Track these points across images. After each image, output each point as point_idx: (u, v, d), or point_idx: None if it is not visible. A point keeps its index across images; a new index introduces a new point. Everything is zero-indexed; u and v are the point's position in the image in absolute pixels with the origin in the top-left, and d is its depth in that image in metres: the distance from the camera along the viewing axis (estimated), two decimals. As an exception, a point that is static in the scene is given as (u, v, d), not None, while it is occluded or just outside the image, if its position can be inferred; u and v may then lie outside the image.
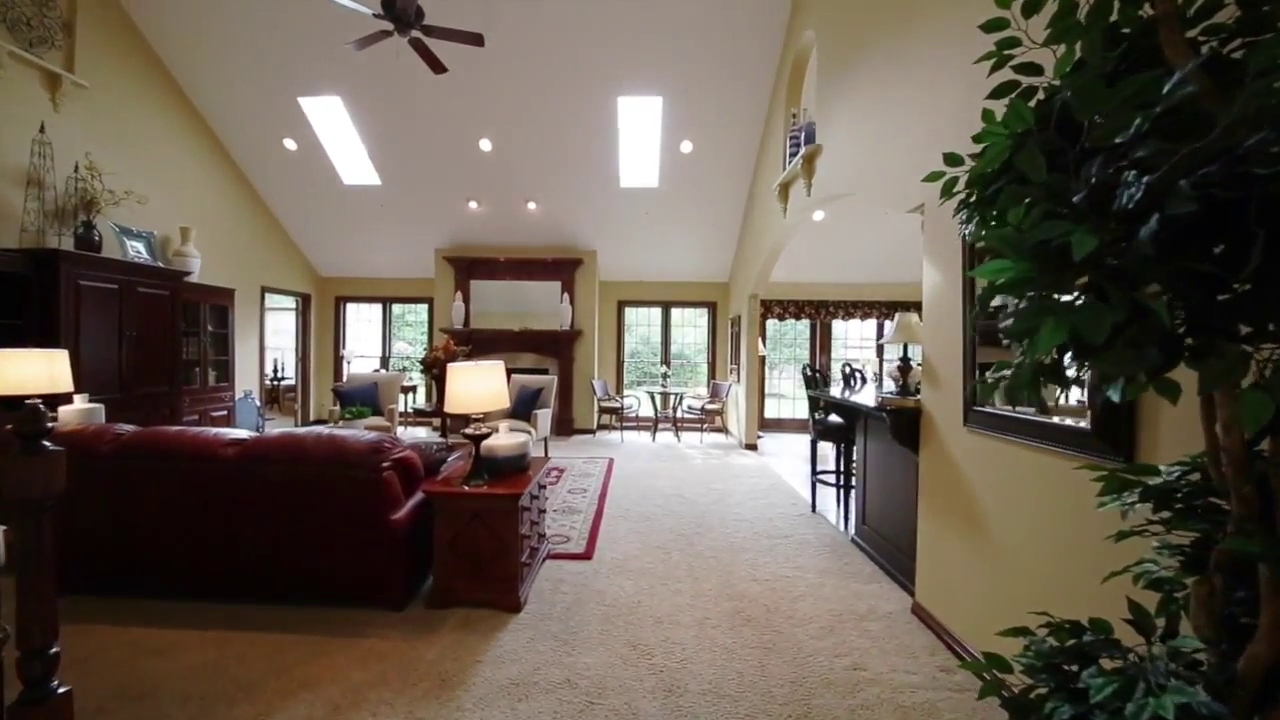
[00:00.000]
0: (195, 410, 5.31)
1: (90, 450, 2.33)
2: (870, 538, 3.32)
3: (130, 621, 2.34)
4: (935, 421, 2.52)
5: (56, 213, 4.23)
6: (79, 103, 4.48)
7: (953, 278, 2.39)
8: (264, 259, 6.88)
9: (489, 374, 2.61)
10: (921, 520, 2.63)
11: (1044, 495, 1.85)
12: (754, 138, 5.91)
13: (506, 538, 2.50)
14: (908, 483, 2.85)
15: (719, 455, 6.10)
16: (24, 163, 4.06)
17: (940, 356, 2.50)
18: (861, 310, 7.64)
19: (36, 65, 4.13)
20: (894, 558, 3.02)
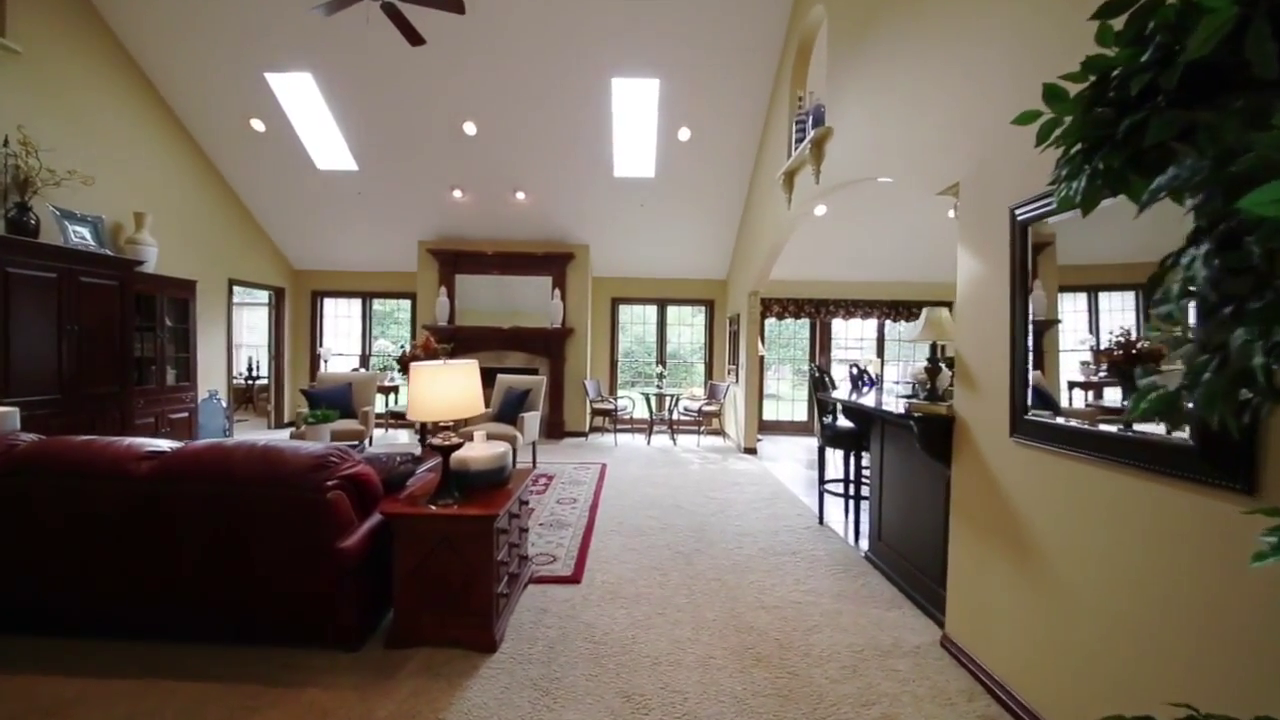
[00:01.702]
0: (151, 412, 4.89)
1: (-26, 465, 1.95)
2: (887, 555, 3.01)
3: (26, 666, 1.96)
4: (972, 431, 2.20)
5: (-16, 192, 3.80)
6: (12, 70, 4.04)
7: (997, 264, 2.08)
8: (232, 249, 6.45)
9: (460, 375, 2.25)
10: (953, 542, 2.32)
11: (1122, 525, 1.54)
12: (756, 125, 5.58)
13: (479, 566, 2.15)
14: (934, 498, 2.54)
15: (717, 460, 5.78)
16: (-57, 134, 3.63)
17: (979, 357, 2.18)
18: (863, 309, 7.36)
19: (-43, 26, 3.70)
20: (915, 580, 2.71)
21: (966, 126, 2.29)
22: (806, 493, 4.54)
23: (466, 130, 5.63)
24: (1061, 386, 1.88)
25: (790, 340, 8.10)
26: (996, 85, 2.10)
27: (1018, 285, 1.97)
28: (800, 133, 4.36)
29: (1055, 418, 1.82)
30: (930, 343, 2.49)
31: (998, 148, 2.08)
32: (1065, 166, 1.15)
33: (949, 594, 2.33)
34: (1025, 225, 1.96)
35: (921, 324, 2.52)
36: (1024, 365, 1.95)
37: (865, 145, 3.37)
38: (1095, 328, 1.70)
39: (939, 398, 2.40)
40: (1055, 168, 1.13)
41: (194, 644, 2.11)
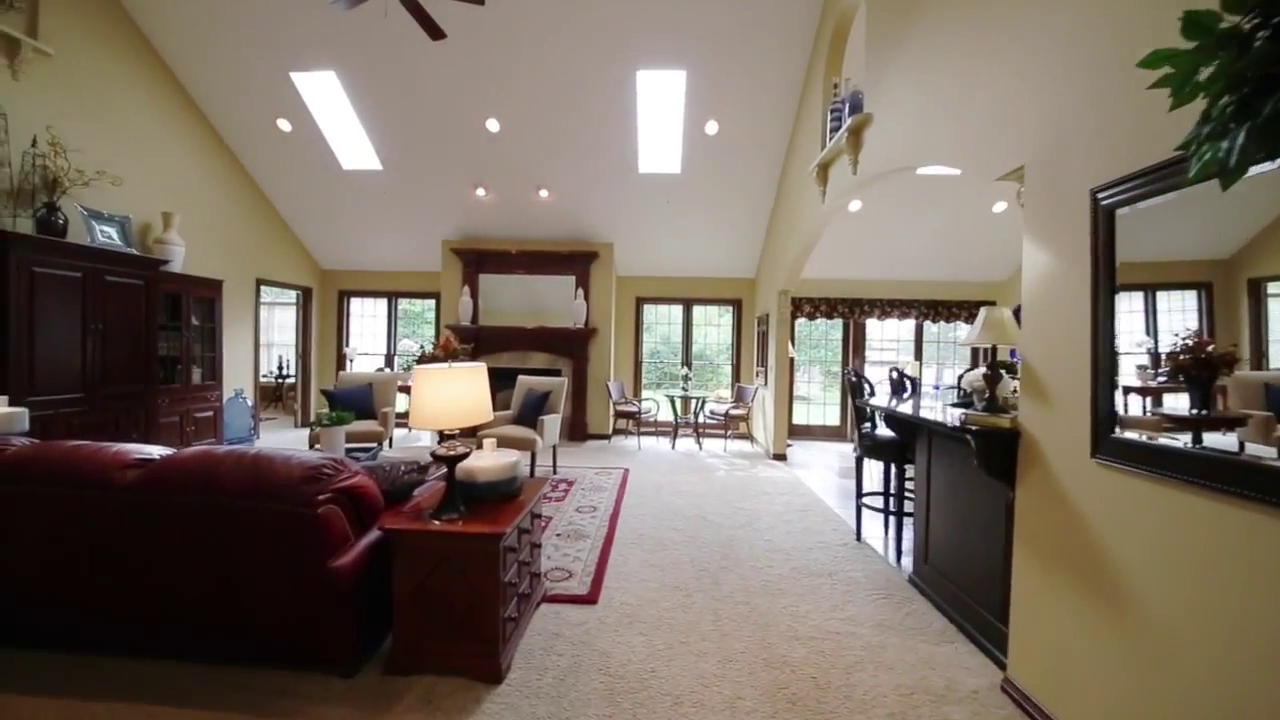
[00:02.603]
0: (176, 411, 4.94)
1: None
2: (935, 581, 2.72)
3: (8, 684, 1.87)
4: (1041, 448, 1.92)
5: (13, 192, 3.85)
6: (43, 72, 4.10)
7: (1073, 256, 1.79)
8: (260, 249, 6.52)
9: (466, 379, 2.09)
10: (1018, 574, 2.04)
11: (1252, 574, 1.25)
12: (787, 116, 5.30)
13: (485, 588, 1.98)
14: (993, 521, 2.26)
15: (745, 466, 5.52)
16: (-27, 136, 3.68)
17: (1051, 364, 1.90)
18: (899, 309, 6.97)
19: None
20: (968, 611, 2.42)
21: (1033, 103, 2.01)
22: (841, 505, 4.25)
23: (489, 128, 5.52)
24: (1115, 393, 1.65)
25: (820, 341, 7.75)
26: (1071, 54, 1.82)
27: (1101, 280, 1.69)
28: (835, 122, 4.08)
29: (1125, 431, 1.56)
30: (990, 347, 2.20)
31: (1074, 124, 1.80)
32: (1211, 123, 0.89)
33: (1012, 631, 2.05)
34: (1110, 210, 1.68)
35: (980, 325, 2.23)
36: (1109, 376, 1.66)
37: (909, 131, 3.08)
38: (1153, 329, 1.56)
39: (1000, 409, 2.12)
40: (1196, 125, 0.88)
41: (182, 663, 2.00)
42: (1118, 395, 1.64)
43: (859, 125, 3.62)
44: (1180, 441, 1.47)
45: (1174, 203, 1.49)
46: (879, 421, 3.55)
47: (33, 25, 4.03)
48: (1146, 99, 1.47)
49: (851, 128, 3.66)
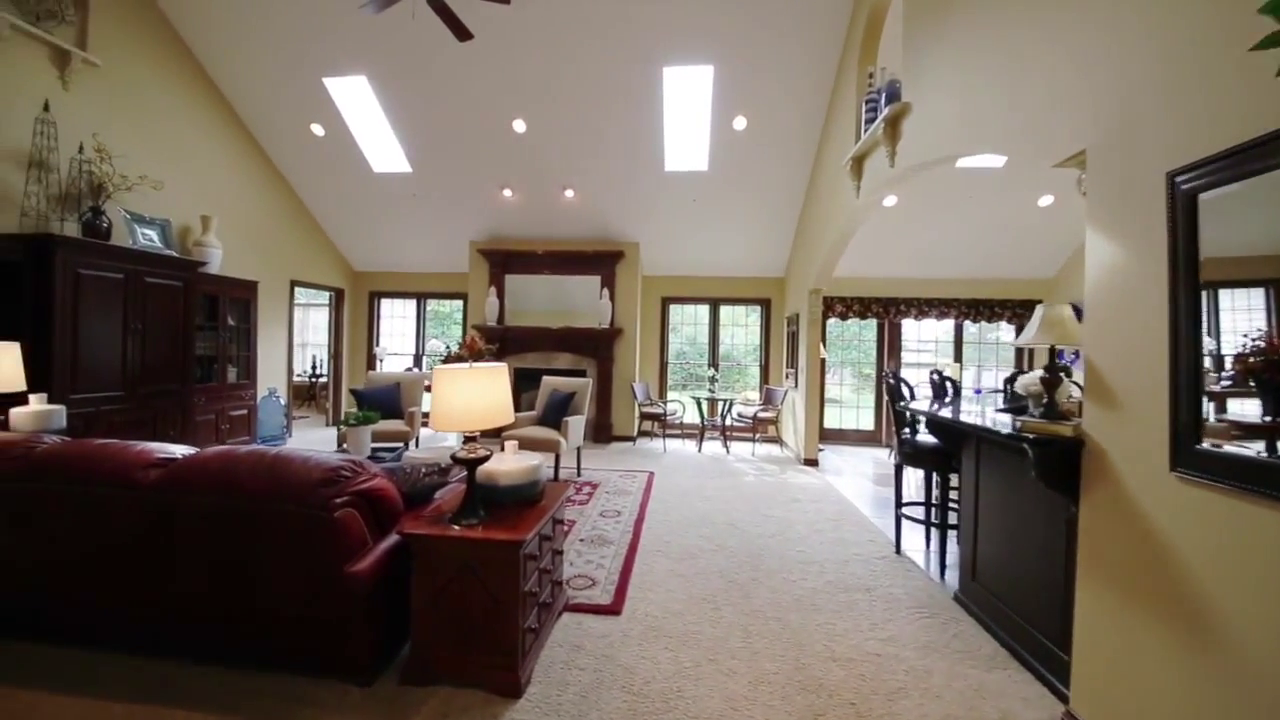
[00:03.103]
0: (212, 409, 5.07)
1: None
2: (984, 600, 2.53)
3: (33, 679, 1.89)
4: (1110, 460, 1.73)
5: (61, 197, 4.00)
6: (91, 81, 4.26)
7: (1146, 247, 1.61)
8: (294, 251, 6.68)
9: (486, 380, 2.02)
10: (1082, 597, 1.85)
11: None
12: (818, 109, 5.13)
13: (504, 598, 1.91)
14: (1051, 538, 2.07)
15: (774, 472, 5.34)
16: (25, 143, 3.83)
17: (1121, 366, 1.71)
18: (937, 309, 6.67)
19: (44, 40, 3.91)
20: (1022, 635, 2.23)
21: (1096, 81, 1.82)
22: (877, 514, 4.05)
23: (516, 128, 5.52)
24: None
25: (852, 342, 7.49)
26: (1144, 22, 1.64)
27: (1181, 273, 1.50)
28: (871, 113, 3.90)
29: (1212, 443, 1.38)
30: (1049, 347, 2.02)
31: (1147, 101, 1.62)
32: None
33: (1075, 660, 1.87)
34: (1192, 195, 1.49)
35: (1036, 324, 2.05)
36: (1193, 381, 1.48)
37: (952, 120, 2.90)
38: (1215, 329, 1.46)
39: (1060, 415, 1.94)
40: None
41: (201, 665, 1.98)
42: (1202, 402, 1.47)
43: (896, 115, 3.44)
44: (1252, 450, 1.31)
45: (1243, 192, 1.34)
46: (919, 427, 3.36)
47: (82, 37, 4.20)
48: (1240, 66, 1.29)
49: (888, 118, 3.48)
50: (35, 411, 2.53)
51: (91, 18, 4.23)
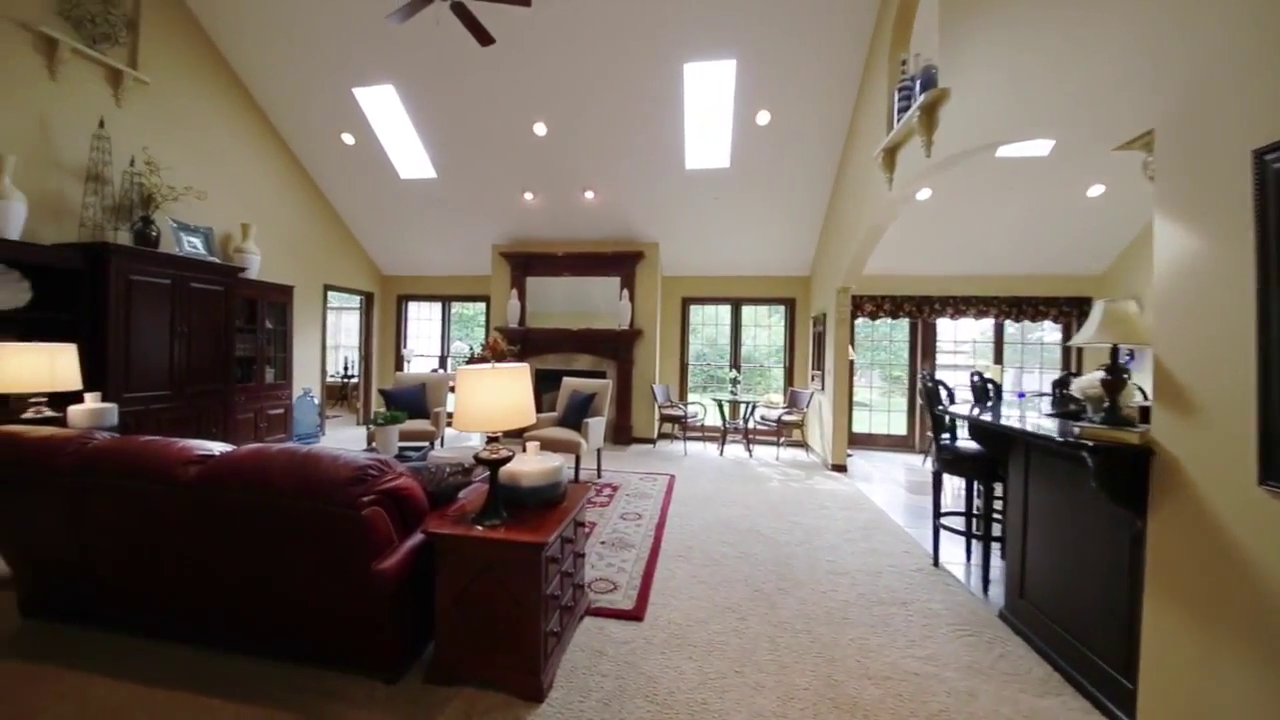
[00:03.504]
0: (251, 409, 5.22)
1: (49, 462, 1.96)
2: (1033, 619, 2.36)
3: (85, 663, 1.96)
4: (1185, 471, 1.58)
5: (115, 208, 4.18)
6: (141, 98, 4.44)
7: (1227, 233, 1.46)
8: (327, 257, 6.84)
9: (509, 381, 1.98)
10: (1151, 620, 1.69)
11: None
12: (847, 100, 4.96)
13: (526, 600, 1.86)
14: (1113, 555, 1.90)
15: (800, 477, 5.18)
16: (83, 158, 4.01)
17: (1198, 367, 1.56)
18: (975, 307, 6.38)
19: (99, 61, 4.09)
20: (1077, 658, 2.06)
21: (1167, 55, 1.67)
22: (911, 523, 3.87)
23: (536, 131, 5.52)
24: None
25: (881, 343, 7.24)
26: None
27: (1274, 260, 1.35)
28: (904, 101, 3.74)
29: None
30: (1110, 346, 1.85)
31: (1228, 73, 1.47)
32: None
33: (1143, 689, 1.71)
34: None
35: (1097, 321, 1.89)
36: (1285, 377, 1.32)
37: (995, 104, 2.73)
38: None
39: (1123, 420, 1.78)
40: None
41: (238, 655, 2.03)
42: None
43: (933, 102, 3.28)
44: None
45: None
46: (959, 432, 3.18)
47: (133, 57, 4.39)
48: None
49: (924, 105, 3.33)
50: (90, 409, 2.62)
51: (142, 38, 4.42)
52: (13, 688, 1.83)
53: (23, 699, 1.77)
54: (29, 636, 2.12)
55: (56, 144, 3.89)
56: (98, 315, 3.79)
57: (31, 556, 2.15)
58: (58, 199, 3.90)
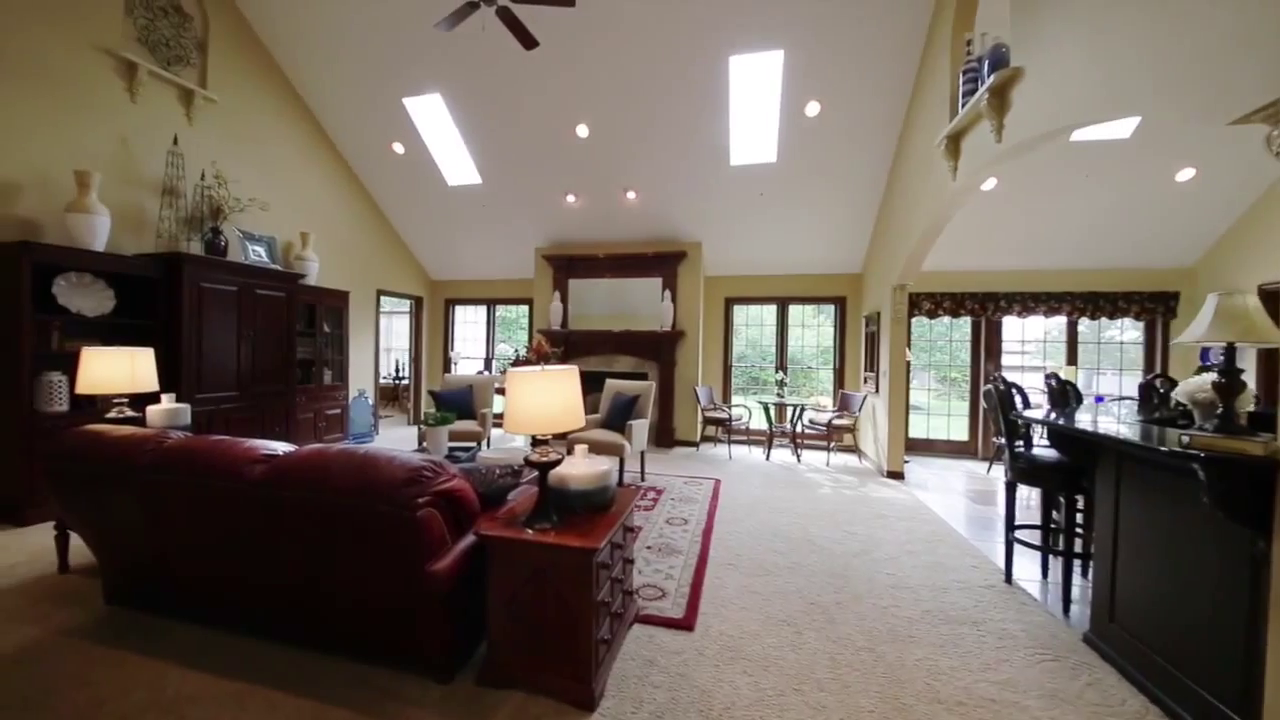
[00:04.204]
0: (310, 409, 5.47)
1: (129, 460, 2.09)
2: (1125, 645, 2.13)
3: (159, 650, 2.08)
4: (1325, 486, 1.37)
5: (187, 219, 4.46)
6: (210, 115, 4.74)
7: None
8: (380, 263, 7.12)
9: (558, 383, 1.96)
10: (1277, 655, 1.48)
11: None
12: (902, 87, 4.72)
13: (577, 607, 1.83)
14: (1226, 578, 1.69)
15: (853, 484, 4.96)
16: (159, 173, 4.31)
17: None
18: (1045, 304, 5.94)
19: (173, 82, 4.39)
20: (1180, 690, 1.84)
21: None
22: (977, 535, 3.62)
23: (579, 134, 5.54)
24: None
25: (936, 342, 6.87)
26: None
27: None
28: (970, 84, 3.51)
29: None
30: (1225, 346, 1.64)
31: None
32: None
33: (1269, 736, 1.50)
34: None
35: (1209, 317, 1.68)
36: None
37: (1077, 81, 2.51)
38: None
39: (1238, 429, 1.57)
40: None
41: (300, 649, 2.09)
42: None
43: (1004, 83, 3.06)
44: None
45: None
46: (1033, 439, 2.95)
47: (203, 77, 4.69)
48: None
49: (993, 87, 3.10)
50: (166, 409, 2.80)
51: (210, 59, 4.72)
52: (94, 672, 1.94)
53: (102, 684, 1.88)
54: (111, 623, 2.26)
55: (136, 161, 4.19)
56: (172, 320, 4.05)
57: (114, 548, 2.29)
58: (137, 212, 4.20)
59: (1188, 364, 5.45)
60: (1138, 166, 4.57)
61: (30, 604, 2.39)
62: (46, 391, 3.41)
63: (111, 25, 3.99)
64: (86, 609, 2.36)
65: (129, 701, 1.80)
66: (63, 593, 2.50)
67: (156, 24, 4.27)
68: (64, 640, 2.12)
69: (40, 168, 3.61)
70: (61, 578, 2.65)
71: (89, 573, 2.67)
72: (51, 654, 2.04)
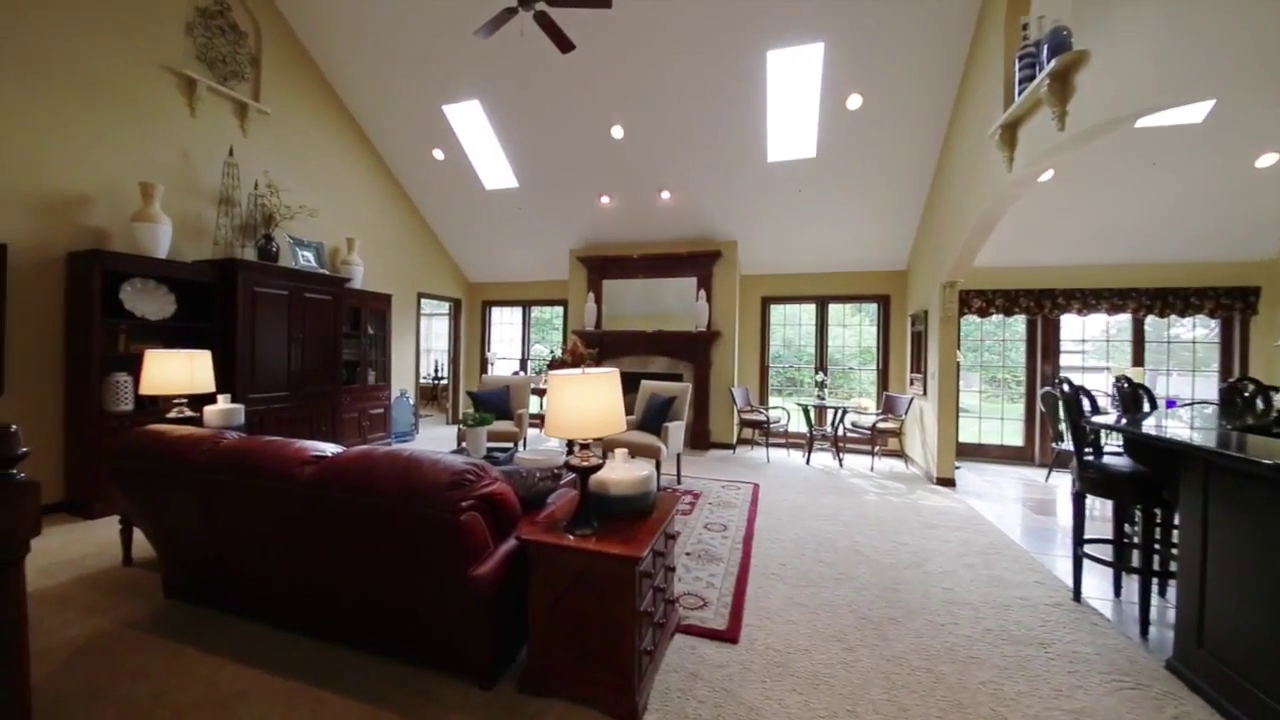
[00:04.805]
0: (355, 409, 5.63)
1: (186, 459, 2.16)
2: (1214, 674, 1.94)
3: (215, 646, 2.14)
4: None
5: (242, 226, 4.66)
6: (263, 127, 4.94)
7: None
8: (420, 266, 7.29)
9: (600, 386, 1.92)
10: None
11: None
12: (951, 76, 4.51)
13: (620, 616, 1.78)
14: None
15: (900, 491, 4.76)
16: (216, 183, 4.51)
17: None
18: (1109, 301, 5.57)
19: (229, 96, 4.59)
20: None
21: None
22: (1038, 548, 3.40)
23: (614, 134, 5.53)
24: None
25: (985, 342, 6.53)
26: None
27: None
28: (1027, 70, 3.31)
29: None
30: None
31: None
32: None
33: None
34: None
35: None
36: None
37: (1151, 64, 2.32)
38: None
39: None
40: None
41: (347, 648, 2.13)
42: None
43: (1068, 66, 2.86)
44: None
45: None
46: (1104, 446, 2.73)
47: (256, 90, 4.88)
48: None
49: (1055, 72, 2.90)
50: (222, 410, 2.91)
51: (263, 73, 4.91)
52: (154, 664, 2.01)
53: (161, 676, 1.94)
54: (170, 617, 2.34)
55: (195, 172, 4.40)
56: (228, 323, 4.23)
57: (173, 544, 2.38)
58: (196, 220, 4.41)
59: (1273, 366, 5.01)
60: (1211, 153, 4.22)
61: (98, 595, 2.51)
62: (114, 391, 3.60)
63: (173, 44, 4.21)
64: (148, 601, 2.46)
65: (186, 696, 1.85)
66: (126, 585, 2.62)
67: (214, 41, 4.48)
68: (127, 631, 2.21)
69: (109, 180, 3.82)
70: (125, 570, 2.78)
71: (150, 566, 2.79)
72: (115, 644, 2.13)
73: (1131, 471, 2.47)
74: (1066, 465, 5.34)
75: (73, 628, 2.23)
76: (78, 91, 3.65)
